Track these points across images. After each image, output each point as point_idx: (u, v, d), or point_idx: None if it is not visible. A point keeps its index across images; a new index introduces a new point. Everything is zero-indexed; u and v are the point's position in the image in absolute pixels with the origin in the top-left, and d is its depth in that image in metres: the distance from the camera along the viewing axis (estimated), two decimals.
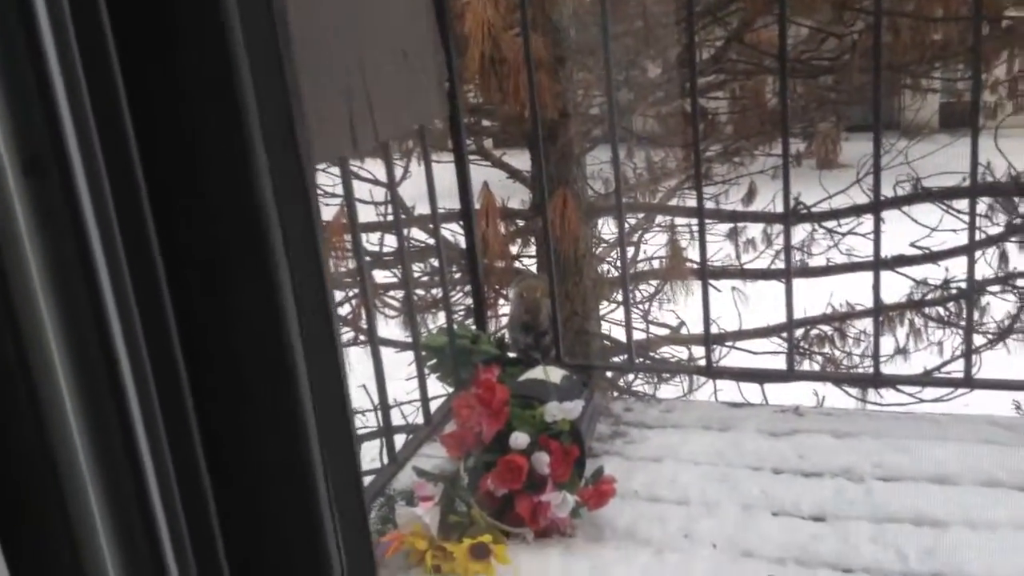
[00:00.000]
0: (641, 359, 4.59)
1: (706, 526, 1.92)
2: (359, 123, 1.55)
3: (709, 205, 5.17)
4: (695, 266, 5.28)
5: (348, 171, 2.15)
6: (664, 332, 5.57)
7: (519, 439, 1.94)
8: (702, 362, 5.08)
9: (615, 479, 1.98)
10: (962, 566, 1.70)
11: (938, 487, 1.97)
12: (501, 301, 5.00)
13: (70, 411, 0.49)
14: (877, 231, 2.36)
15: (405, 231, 5.06)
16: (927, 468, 2.03)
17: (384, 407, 2.11)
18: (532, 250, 5.57)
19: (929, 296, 5.73)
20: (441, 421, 2.35)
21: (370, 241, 5.15)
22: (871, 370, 2.60)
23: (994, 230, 5.55)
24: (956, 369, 5.15)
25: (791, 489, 2.02)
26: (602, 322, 5.47)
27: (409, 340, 2.63)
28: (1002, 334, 5.25)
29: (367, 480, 2.22)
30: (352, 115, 1.55)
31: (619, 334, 5.44)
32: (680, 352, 5.55)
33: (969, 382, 2.26)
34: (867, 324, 5.71)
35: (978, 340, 5.35)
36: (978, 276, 5.40)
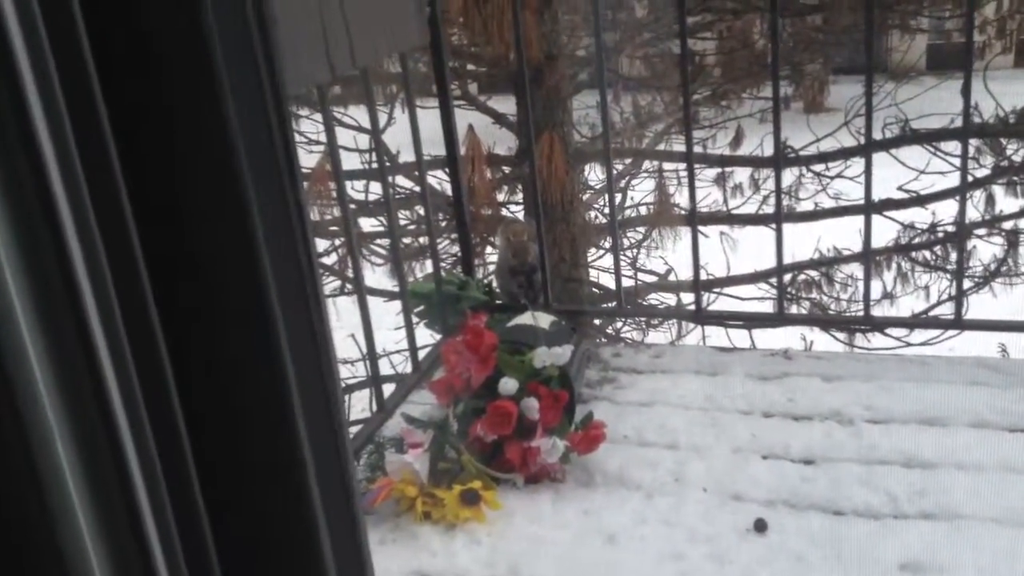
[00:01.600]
0: (629, 306, 4.58)
1: (696, 470, 1.91)
2: (335, 48, 1.49)
3: (696, 150, 5.12)
4: (683, 212, 5.25)
5: (330, 118, 2.11)
6: (652, 279, 5.56)
7: (508, 385, 1.92)
8: (691, 308, 5.08)
9: (605, 424, 1.97)
10: (952, 507, 1.70)
11: (928, 429, 1.97)
12: (488, 249, 4.98)
13: (48, 407, 0.46)
14: (868, 173, 2.33)
15: (390, 178, 5.01)
16: (917, 410, 2.03)
17: (371, 356, 2.09)
18: (519, 197, 5.52)
19: (916, 240, 5.72)
20: (429, 368, 2.33)
21: (355, 188, 5.09)
22: (860, 314, 2.59)
23: (981, 172, 5.53)
24: (943, 312, 5.18)
25: (781, 432, 2.02)
26: (590, 269, 5.45)
27: (396, 288, 2.60)
28: (989, 277, 5.26)
29: (356, 429, 2.21)
30: (328, 39, 1.49)
31: (607, 281, 5.43)
32: (668, 299, 5.55)
33: (959, 323, 2.26)
34: (854, 269, 5.72)
35: (965, 283, 5.36)
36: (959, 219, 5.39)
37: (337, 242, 5.06)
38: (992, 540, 1.62)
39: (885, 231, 5.58)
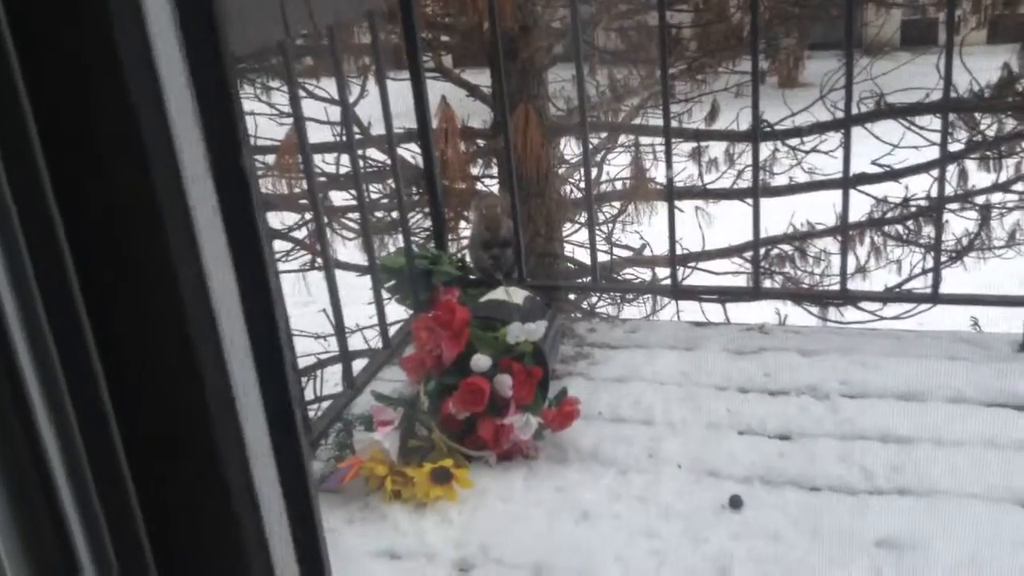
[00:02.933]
0: (604, 281, 4.55)
1: (671, 446, 1.89)
2: (290, 4, 1.42)
3: (672, 124, 5.06)
4: (659, 187, 5.21)
5: (296, 86, 2.04)
6: (627, 254, 5.53)
7: (481, 361, 1.88)
8: (666, 283, 5.06)
9: (579, 400, 1.94)
10: (929, 483, 1.69)
11: (904, 404, 1.95)
12: (462, 224, 4.91)
13: None
14: (847, 147, 2.30)
15: (362, 152, 4.93)
16: (893, 385, 2.01)
17: (340, 331, 2.04)
18: (494, 171, 5.45)
19: (889, 214, 5.72)
20: (400, 344, 2.28)
21: (326, 161, 5.00)
22: (836, 288, 2.57)
23: (955, 147, 5.52)
24: (916, 287, 5.20)
25: (757, 408, 2.00)
26: (564, 244, 5.40)
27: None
28: (962, 251, 5.27)
29: (326, 405, 2.16)
30: None
31: (582, 256, 5.39)
32: (643, 273, 5.52)
33: (936, 297, 2.24)
34: (827, 243, 5.71)
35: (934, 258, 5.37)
36: (936, 193, 5.40)
37: (307, 216, 4.98)
38: (970, 516, 1.60)
39: (858, 205, 5.57)
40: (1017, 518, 1.59)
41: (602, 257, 4.94)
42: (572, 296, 5.20)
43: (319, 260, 5.05)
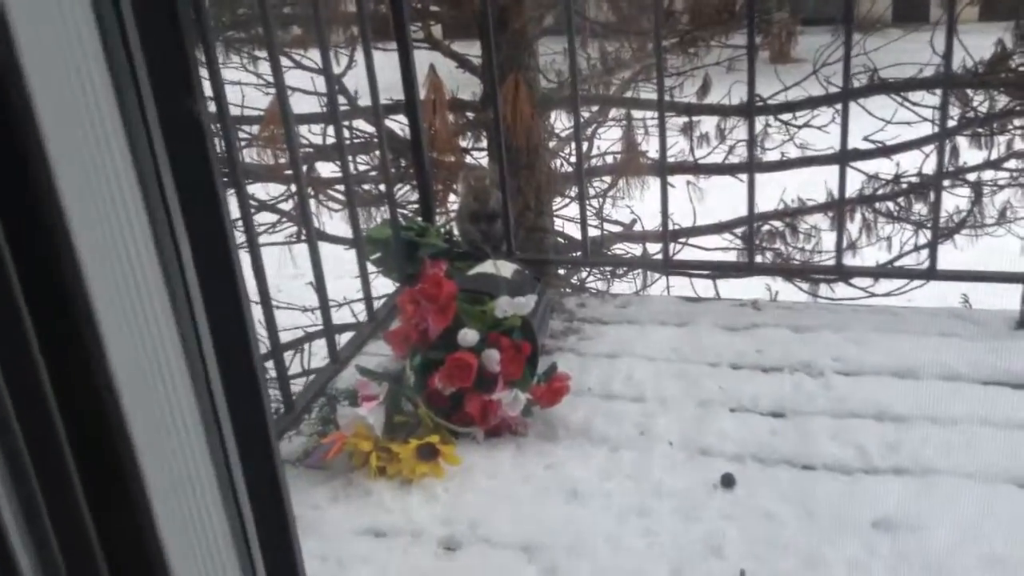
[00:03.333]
0: (595, 255, 4.50)
1: (662, 423, 1.85)
2: None
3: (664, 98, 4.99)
4: (650, 161, 5.16)
5: (276, 54, 1.98)
6: (617, 229, 5.48)
7: (468, 336, 1.83)
8: (658, 258, 5.02)
9: (569, 376, 1.90)
10: (925, 462, 1.66)
11: (899, 381, 1.92)
12: (451, 197, 4.85)
13: None
14: (845, 120, 2.26)
15: (349, 123, 4.85)
16: (888, 362, 1.98)
17: (324, 305, 1.99)
18: (483, 144, 5.38)
19: (880, 191, 5.69)
20: (386, 318, 2.23)
21: (312, 132, 4.93)
22: (830, 263, 2.53)
23: (948, 124, 5.48)
24: (908, 263, 5.18)
25: (749, 385, 1.96)
26: (554, 218, 5.35)
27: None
28: (955, 228, 5.25)
29: (311, 378, 2.12)
30: None
31: (572, 231, 5.34)
32: (634, 249, 5.47)
33: (932, 273, 2.20)
34: (818, 220, 5.68)
35: (928, 235, 5.35)
36: (929, 170, 5.37)
37: (293, 187, 4.90)
38: (967, 496, 1.57)
39: (849, 181, 5.52)
40: (1013, 497, 1.57)
41: (592, 232, 4.90)
42: (561, 271, 5.16)
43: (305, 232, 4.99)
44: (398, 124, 4.42)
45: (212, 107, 1.68)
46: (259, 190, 4.91)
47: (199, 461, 0.56)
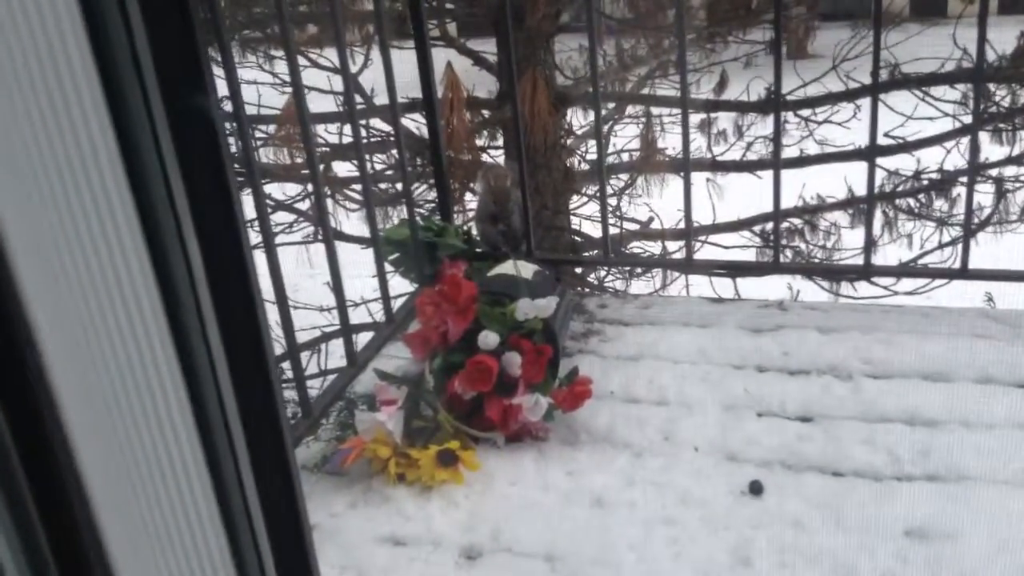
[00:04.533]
0: (614, 255, 4.46)
1: (687, 428, 1.81)
2: None
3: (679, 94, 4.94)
4: (667, 159, 5.11)
5: (294, 52, 1.95)
6: (634, 227, 5.43)
7: (488, 338, 1.80)
8: (678, 257, 4.97)
9: (591, 380, 1.85)
10: (959, 468, 1.61)
11: (930, 384, 1.87)
12: (468, 196, 4.82)
13: None
14: (875, 114, 2.21)
15: (365, 122, 4.83)
16: (918, 364, 1.93)
17: (341, 305, 1.96)
18: (499, 142, 5.35)
19: (900, 188, 5.62)
20: (404, 320, 2.20)
21: (328, 131, 4.91)
22: (856, 262, 2.48)
23: (968, 119, 5.41)
24: (931, 262, 5.11)
25: (776, 388, 1.92)
26: (571, 217, 5.31)
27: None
28: (979, 226, 5.17)
29: (330, 379, 2.09)
30: None
31: (589, 229, 5.30)
32: (651, 247, 5.43)
33: (964, 273, 2.15)
34: (837, 217, 5.62)
35: (953, 232, 5.29)
36: (950, 166, 5.30)
37: (311, 187, 4.89)
38: (1004, 504, 1.52)
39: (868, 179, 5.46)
40: None
41: (611, 230, 4.86)
42: (579, 270, 5.12)
43: (322, 232, 4.97)
44: (414, 123, 4.40)
45: (228, 106, 1.66)
46: (276, 189, 4.90)
47: (191, 470, 0.53)
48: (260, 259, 1.62)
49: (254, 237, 1.76)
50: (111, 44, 0.41)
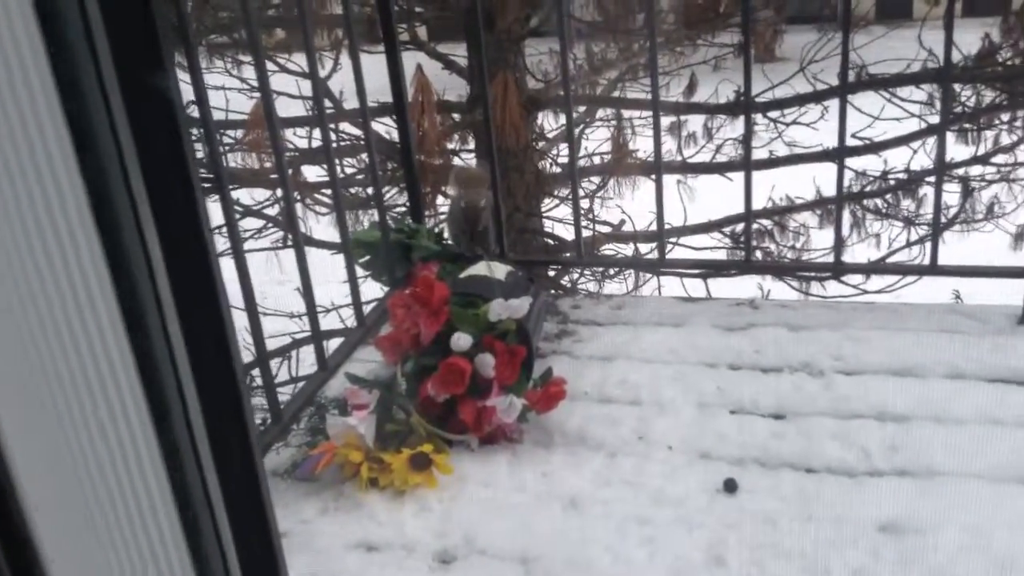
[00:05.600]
0: (587, 256, 4.47)
1: (661, 427, 1.81)
2: None
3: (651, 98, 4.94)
4: (639, 161, 5.13)
5: (262, 56, 1.93)
6: (606, 229, 5.45)
7: (461, 340, 1.79)
8: (651, 258, 4.98)
9: (564, 380, 1.85)
10: (930, 463, 1.62)
11: (901, 380, 1.88)
12: (440, 200, 4.81)
13: None
14: (843, 115, 2.22)
15: (335, 126, 4.80)
16: (889, 360, 1.94)
17: (311, 310, 1.94)
18: (471, 146, 5.34)
19: (868, 188, 5.68)
20: (376, 323, 2.18)
21: (298, 135, 4.87)
22: (825, 261, 2.50)
23: (934, 119, 5.47)
24: (900, 260, 5.17)
25: (749, 386, 1.92)
26: (544, 219, 5.31)
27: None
28: (945, 224, 5.23)
29: (299, 387, 2.06)
30: None
31: (561, 232, 5.30)
32: (623, 249, 5.44)
33: (934, 269, 2.17)
34: (806, 217, 5.66)
35: (917, 231, 5.35)
36: (916, 166, 5.36)
37: (279, 192, 4.85)
38: (973, 497, 1.53)
39: (838, 178, 5.51)
40: (1021, 498, 1.53)
41: (583, 233, 4.86)
42: (552, 272, 5.12)
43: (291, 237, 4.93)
44: (384, 126, 4.37)
45: (195, 112, 1.64)
46: (244, 195, 4.85)
47: (151, 479, 0.51)
48: (229, 265, 1.60)
49: (222, 243, 1.74)
50: (68, 39, 0.40)
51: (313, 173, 5.10)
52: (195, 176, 0.48)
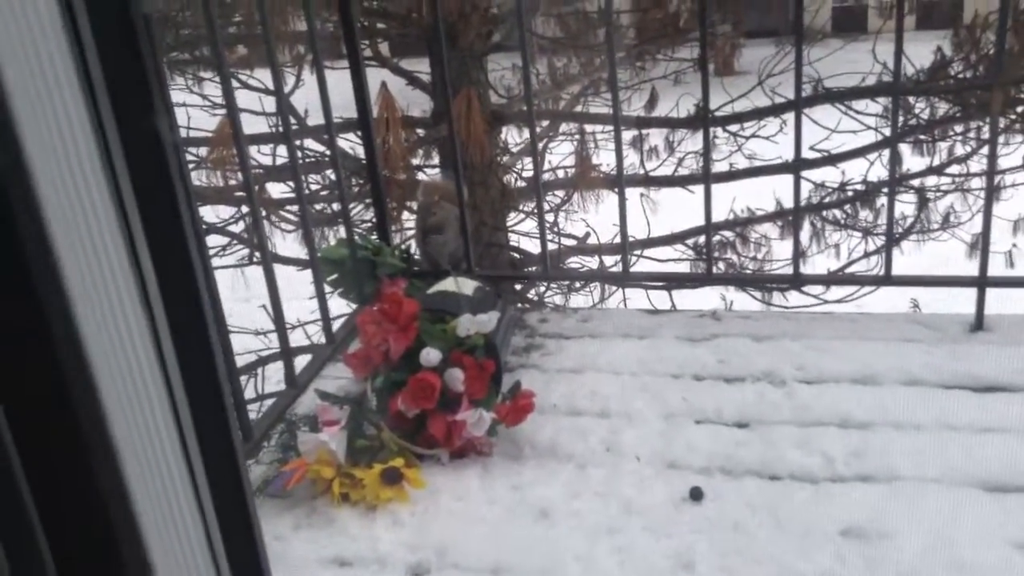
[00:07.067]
0: (553, 270, 4.50)
1: (629, 438, 1.83)
2: None
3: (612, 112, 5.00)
4: (602, 175, 5.17)
5: (228, 74, 1.94)
6: (571, 242, 5.49)
7: (430, 355, 1.80)
8: (616, 271, 5.02)
9: (533, 394, 1.87)
10: (891, 468, 1.66)
11: (861, 388, 1.93)
12: (406, 215, 4.81)
13: None
14: (799, 128, 2.27)
15: (300, 142, 4.80)
16: (849, 369, 1.99)
17: (280, 327, 1.94)
18: (435, 161, 5.36)
19: (827, 199, 5.78)
20: (344, 339, 2.19)
21: (262, 152, 4.86)
22: (785, 272, 2.55)
23: (889, 131, 5.59)
24: (858, 270, 5.26)
25: (713, 396, 1.96)
26: (510, 234, 5.34)
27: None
28: (902, 235, 5.34)
29: (268, 403, 2.07)
30: None
31: (527, 245, 5.33)
32: (589, 262, 5.48)
33: (888, 280, 2.22)
34: (767, 229, 5.74)
35: (877, 241, 5.44)
36: (873, 177, 5.47)
37: (244, 209, 4.83)
38: (933, 501, 1.58)
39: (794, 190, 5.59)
40: (979, 501, 1.58)
41: (549, 246, 4.89)
42: (519, 286, 5.14)
43: (257, 254, 4.91)
44: (349, 142, 4.38)
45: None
46: (208, 212, 4.83)
47: (181, 493, 0.53)
48: None
49: None
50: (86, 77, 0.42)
51: (277, 190, 5.09)
52: (184, 204, 0.50)
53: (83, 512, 0.46)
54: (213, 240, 4.91)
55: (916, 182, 5.63)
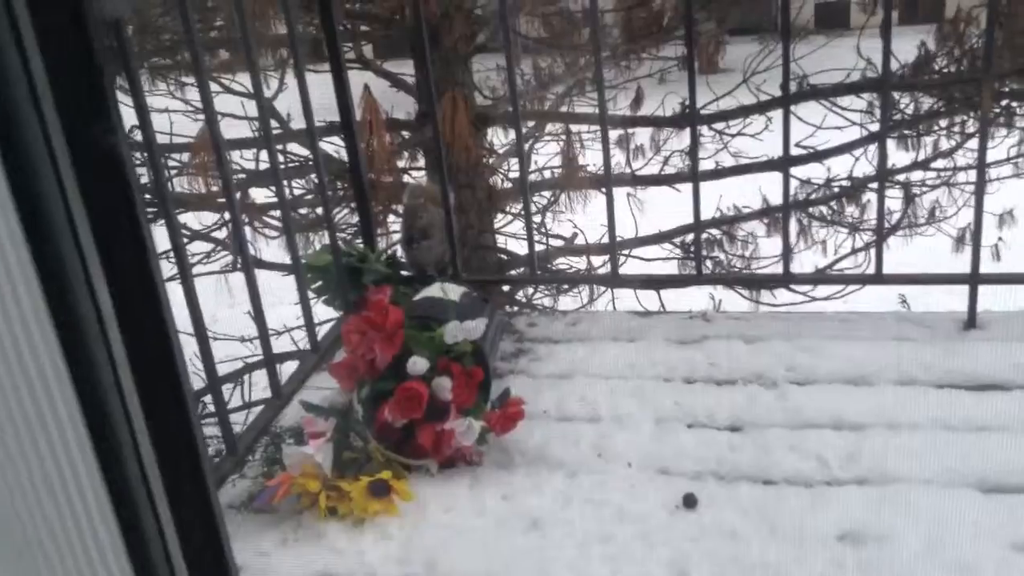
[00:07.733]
0: (541, 272, 4.47)
1: (620, 443, 1.81)
2: None
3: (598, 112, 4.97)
4: (588, 175, 5.15)
5: (206, 78, 1.90)
6: (558, 243, 5.46)
7: (417, 364, 1.77)
8: (605, 272, 5.00)
9: (523, 400, 1.84)
10: (886, 470, 1.64)
11: (854, 388, 1.91)
12: (391, 218, 4.78)
13: None
14: (787, 125, 2.25)
15: (283, 147, 4.75)
16: (841, 369, 1.97)
17: (263, 336, 1.91)
18: (420, 163, 5.32)
19: (813, 196, 5.77)
20: (329, 349, 2.15)
21: (244, 157, 4.82)
22: (775, 271, 2.53)
23: (875, 127, 5.59)
24: (846, 267, 5.25)
25: (704, 399, 1.93)
26: (497, 235, 5.31)
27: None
28: (889, 230, 5.34)
29: (255, 411, 2.03)
30: None
31: (514, 247, 5.31)
32: (577, 263, 5.46)
33: (880, 278, 2.20)
34: (754, 226, 5.73)
35: (863, 237, 5.44)
36: (859, 173, 5.47)
37: (227, 215, 4.78)
38: (930, 502, 1.56)
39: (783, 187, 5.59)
40: (976, 502, 1.55)
41: (536, 247, 4.86)
42: (506, 288, 5.12)
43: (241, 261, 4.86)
44: (333, 146, 4.34)
45: (138, 136, 1.60)
46: (191, 219, 4.78)
47: (96, 520, 0.49)
48: (177, 291, 1.56)
49: (170, 269, 1.70)
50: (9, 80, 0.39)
51: (261, 195, 5.05)
52: (142, 216, 0.47)
53: None
54: (197, 247, 4.86)
55: (902, 177, 5.63)
